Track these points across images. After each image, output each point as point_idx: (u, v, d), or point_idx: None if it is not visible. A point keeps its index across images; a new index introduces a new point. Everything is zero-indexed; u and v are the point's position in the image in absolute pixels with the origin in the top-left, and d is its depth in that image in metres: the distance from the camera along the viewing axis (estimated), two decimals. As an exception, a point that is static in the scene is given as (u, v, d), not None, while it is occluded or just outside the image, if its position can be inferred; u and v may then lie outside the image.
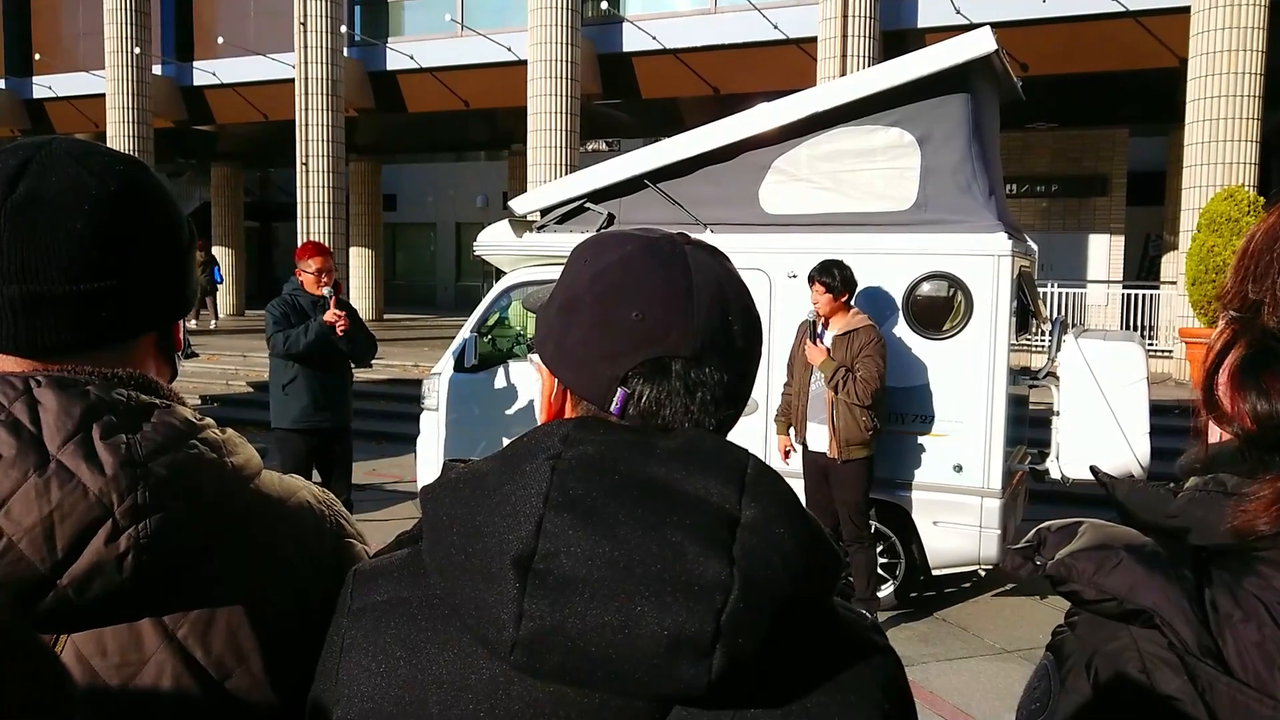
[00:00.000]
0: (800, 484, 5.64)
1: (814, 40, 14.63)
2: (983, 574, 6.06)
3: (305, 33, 17.83)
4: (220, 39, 19.57)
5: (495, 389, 6.88)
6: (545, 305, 0.92)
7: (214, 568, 0.93)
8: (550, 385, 0.89)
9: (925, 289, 5.74)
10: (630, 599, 0.70)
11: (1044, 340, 7.13)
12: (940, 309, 5.72)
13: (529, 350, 6.91)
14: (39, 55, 22.61)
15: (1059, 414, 5.87)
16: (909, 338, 5.71)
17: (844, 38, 14.01)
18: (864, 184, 5.97)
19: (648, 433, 0.81)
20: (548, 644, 0.70)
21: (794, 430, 5.72)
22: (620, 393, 0.82)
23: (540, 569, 0.72)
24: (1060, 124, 18.59)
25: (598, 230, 5.51)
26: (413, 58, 18.73)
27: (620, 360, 0.82)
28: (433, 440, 6.97)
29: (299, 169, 18.22)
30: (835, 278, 5.37)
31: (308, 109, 18.00)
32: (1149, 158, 19.51)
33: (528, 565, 0.72)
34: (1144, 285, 16.73)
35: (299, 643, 0.93)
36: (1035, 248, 6.58)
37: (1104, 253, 19.40)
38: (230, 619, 0.93)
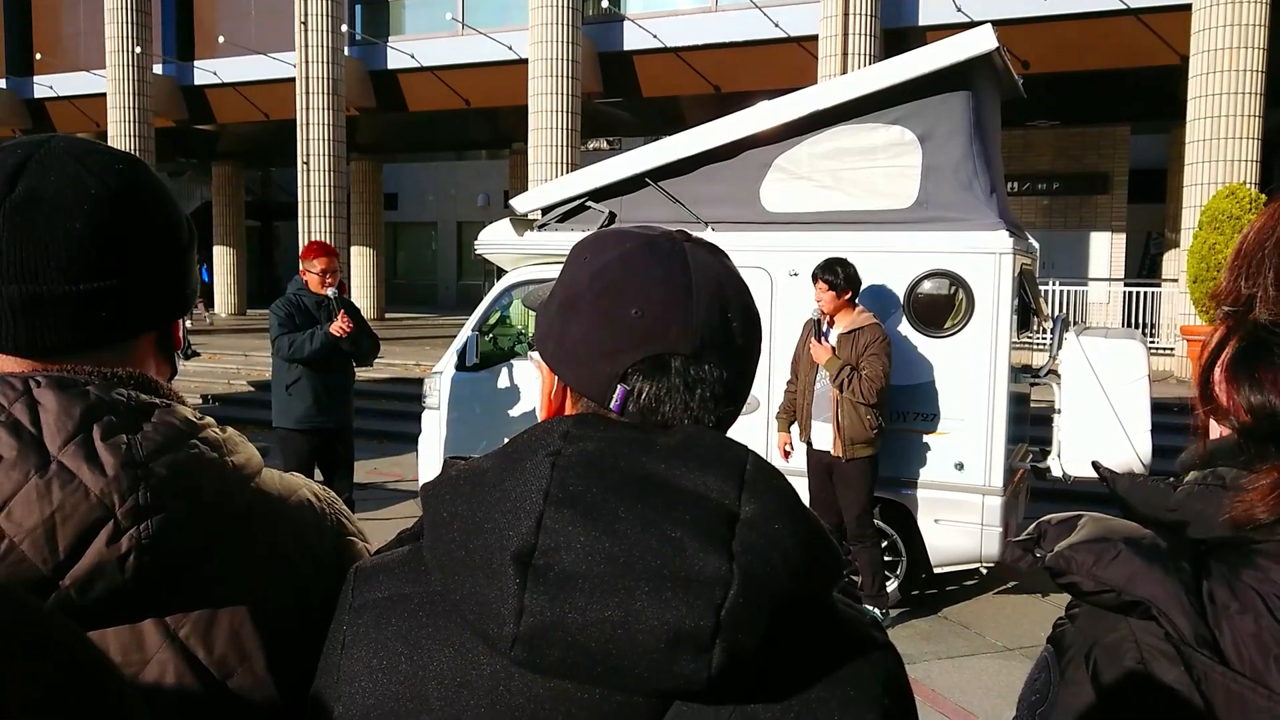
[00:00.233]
0: (802, 481, 5.64)
1: (815, 38, 14.63)
2: (984, 572, 6.06)
3: (306, 32, 17.83)
4: (221, 38, 19.60)
5: (497, 388, 6.88)
6: (545, 303, 0.92)
7: (215, 567, 0.93)
8: (550, 382, 0.89)
9: (926, 287, 5.73)
10: (630, 594, 0.70)
11: (1045, 338, 7.12)
12: (941, 307, 5.71)
13: (530, 348, 6.91)
14: (40, 55, 22.64)
15: (1060, 412, 5.87)
16: (910, 336, 5.71)
17: (845, 36, 14.02)
18: (865, 182, 5.96)
19: (647, 429, 0.81)
20: (548, 639, 0.71)
21: (798, 429, 5.71)
22: (620, 390, 0.83)
23: (540, 565, 0.72)
24: (1061, 122, 18.59)
25: (598, 228, 5.51)
26: (413, 56, 18.73)
27: (620, 357, 0.82)
28: (434, 439, 6.97)
29: (300, 168, 18.23)
30: (839, 275, 5.36)
31: (309, 108, 18.01)
32: (1150, 155, 19.49)
33: (528, 561, 0.72)
34: (1145, 283, 16.71)
35: (300, 641, 0.93)
36: (1036, 245, 6.57)
37: (1105, 250, 19.39)
38: (232, 618, 0.93)
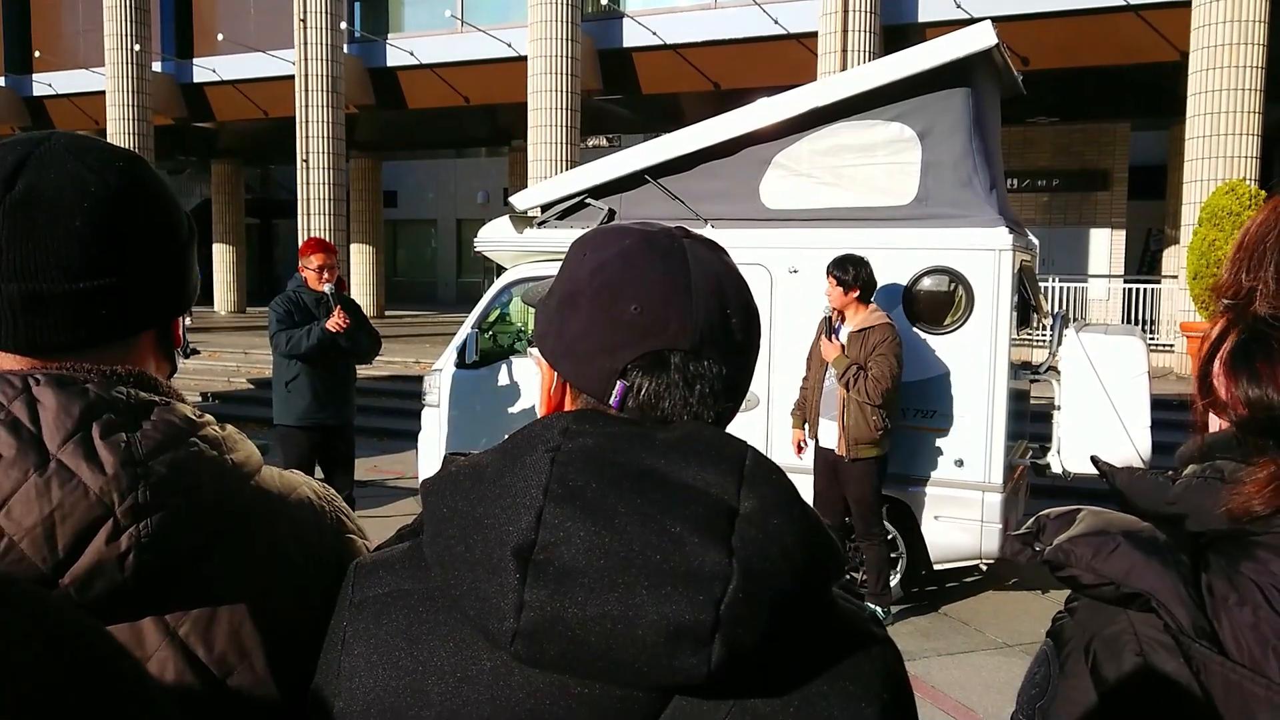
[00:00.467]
0: (803, 479, 5.63)
1: (814, 35, 14.62)
2: (984, 569, 6.07)
3: (305, 29, 17.81)
4: (220, 36, 19.57)
5: (496, 385, 6.87)
6: (545, 299, 0.92)
7: (215, 566, 0.93)
8: (550, 378, 0.90)
9: (926, 284, 5.73)
10: (630, 589, 0.70)
11: (1045, 335, 7.12)
12: (941, 304, 5.71)
13: (529, 345, 6.91)
14: (39, 52, 22.62)
15: (1060, 408, 5.87)
16: (910, 333, 5.71)
17: (844, 32, 14.01)
18: (865, 179, 5.95)
19: (647, 425, 0.81)
20: (548, 634, 0.71)
21: (808, 425, 5.72)
22: (619, 386, 0.83)
23: (540, 560, 0.72)
24: (1061, 118, 18.57)
25: (598, 225, 5.51)
26: (413, 54, 18.72)
27: (619, 353, 0.83)
28: (434, 436, 6.97)
29: (299, 166, 18.22)
30: (848, 273, 5.31)
31: (308, 105, 18.00)
32: (1150, 152, 19.48)
33: (528, 556, 0.72)
34: (1145, 279, 16.71)
35: (300, 639, 0.92)
36: (1036, 242, 6.57)
37: (1105, 247, 19.39)
38: (232, 617, 0.93)
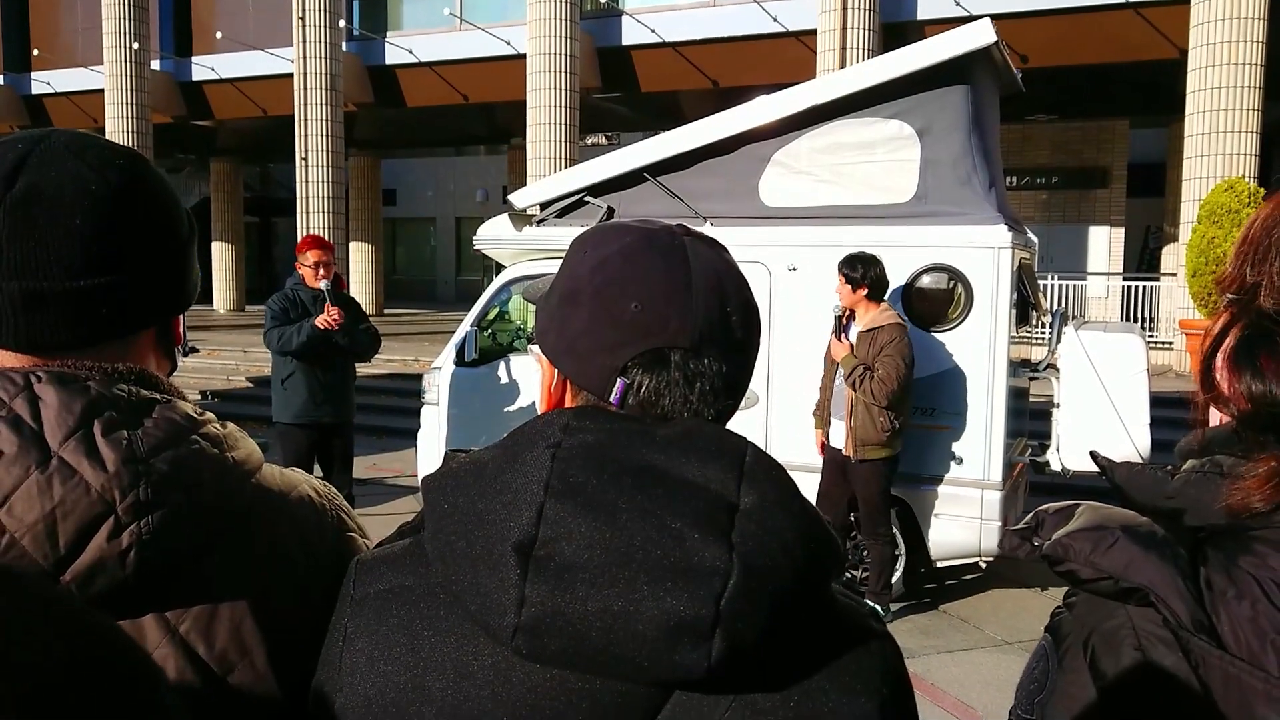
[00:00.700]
0: (804, 476, 5.62)
1: (813, 33, 14.62)
2: (984, 566, 6.07)
3: (304, 27, 17.80)
4: (219, 34, 19.56)
5: (496, 383, 6.87)
6: (546, 297, 0.92)
7: (216, 563, 0.93)
8: (550, 375, 0.90)
9: (925, 281, 5.73)
10: (630, 585, 0.70)
11: (1044, 332, 7.13)
12: (940, 301, 5.71)
13: (529, 342, 6.92)
14: (37, 51, 22.60)
15: (1059, 406, 5.87)
16: (909, 330, 5.70)
17: (843, 30, 14.00)
18: (864, 176, 5.95)
19: (647, 421, 0.81)
20: (549, 629, 0.71)
21: (821, 423, 5.71)
22: (620, 383, 0.83)
23: (541, 555, 0.72)
24: (1060, 116, 18.57)
25: (598, 223, 5.50)
26: (411, 52, 18.71)
27: (620, 351, 0.83)
28: (433, 435, 6.97)
29: (298, 164, 18.21)
30: (857, 270, 5.27)
31: (307, 104, 17.99)
32: (1149, 149, 19.49)
33: (529, 552, 0.72)
34: (1144, 277, 16.71)
35: (301, 637, 0.92)
36: (1035, 240, 6.57)
37: (1104, 245, 19.40)
38: (232, 614, 0.93)
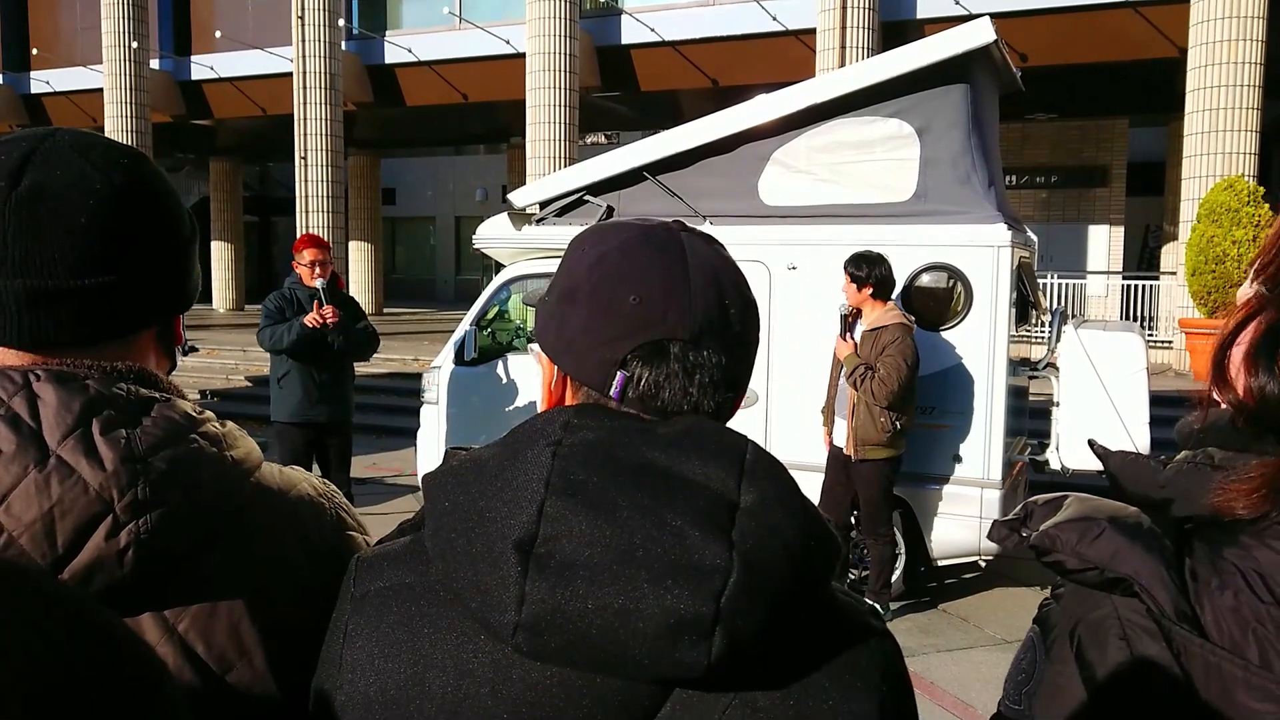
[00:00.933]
0: (805, 475, 5.62)
1: (813, 31, 14.62)
2: (983, 565, 6.07)
3: (303, 26, 17.80)
4: (218, 33, 19.54)
5: (495, 382, 6.87)
6: (545, 295, 0.92)
7: (214, 562, 0.93)
8: (550, 373, 0.90)
9: (925, 280, 5.73)
10: (631, 582, 0.70)
11: (1044, 331, 7.12)
12: (940, 300, 5.71)
13: (529, 341, 6.92)
14: (36, 50, 22.59)
15: (1059, 405, 5.87)
16: (914, 331, 5.71)
17: (843, 29, 14.00)
18: (863, 175, 5.95)
19: (648, 419, 0.81)
20: (549, 627, 0.71)
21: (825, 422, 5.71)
22: (619, 376, 0.83)
23: (542, 553, 0.72)
24: (1060, 115, 18.57)
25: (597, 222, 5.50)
26: (411, 51, 18.70)
27: (619, 344, 0.83)
28: (433, 434, 6.97)
29: (298, 163, 18.21)
30: (862, 269, 5.25)
31: (306, 103, 17.99)
32: (1149, 148, 19.49)
33: (529, 549, 0.72)
34: (1144, 276, 16.71)
35: (301, 635, 0.92)
36: (1035, 239, 6.57)
37: (1104, 243, 19.40)
38: (231, 613, 0.93)
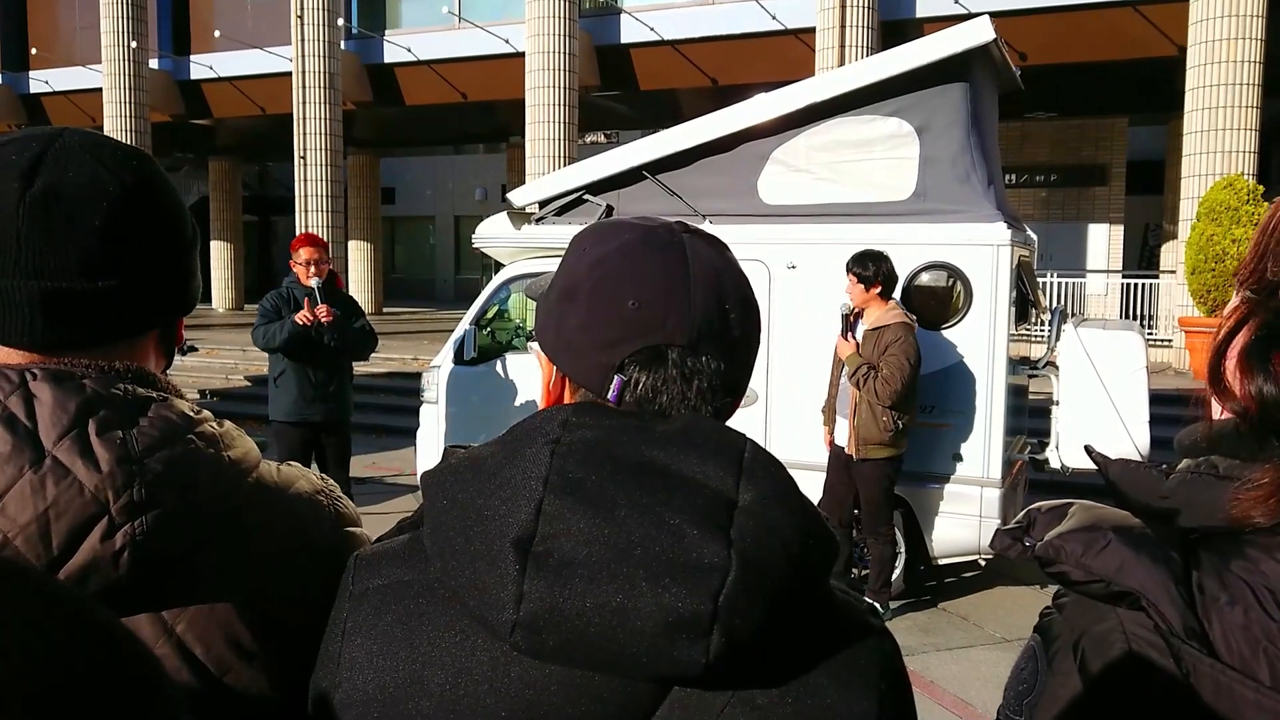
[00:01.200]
0: (804, 474, 5.62)
1: (812, 31, 14.62)
2: (984, 564, 6.07)
3: (302, 26, 17.79)
4: (217, 32, 19.53)
5: (495, 381, 6.87)
6: (545, 293, 0.92)
7: (212, 563, 0.93)
8: (549, 372, 0.90)
9: (924, 279, 5.73)
10: (629, 581, 0.70)
11: (1043, 330, 7.12)
12: (939, 299, 5.71)
13: (529, 339, 6.92)
14: (35, 50, 22.56)
15: (1058, 403, 5.87)
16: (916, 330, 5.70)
17: (842, 28, 14.00)
18: (862, 174, 5.95)
19: (646, 418, 0.81)
20: (547, 625, 0.71)
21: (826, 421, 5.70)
22: (617, 380, 0.83)
23: (540, 551, 0.72)
24: (1059, 113, 18.57)
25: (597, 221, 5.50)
26: (410, 50, 18.70)
27: (617, 348, 0.83)
28: (432, 433, 6.97)
29: (297, 162, 18.20)
30: (869, 268, 5.24)
31: (305, 102, 17.98)
32: (1148, 147, 19.50)
33: (528, 547, 0.72)
34: (1143, 274, 16.71)
35: (300, 634, 0.92)
36: (1034, 237, 6.57)
37: (1103, 242, 19.40)
38: (230, 613, 0.92)
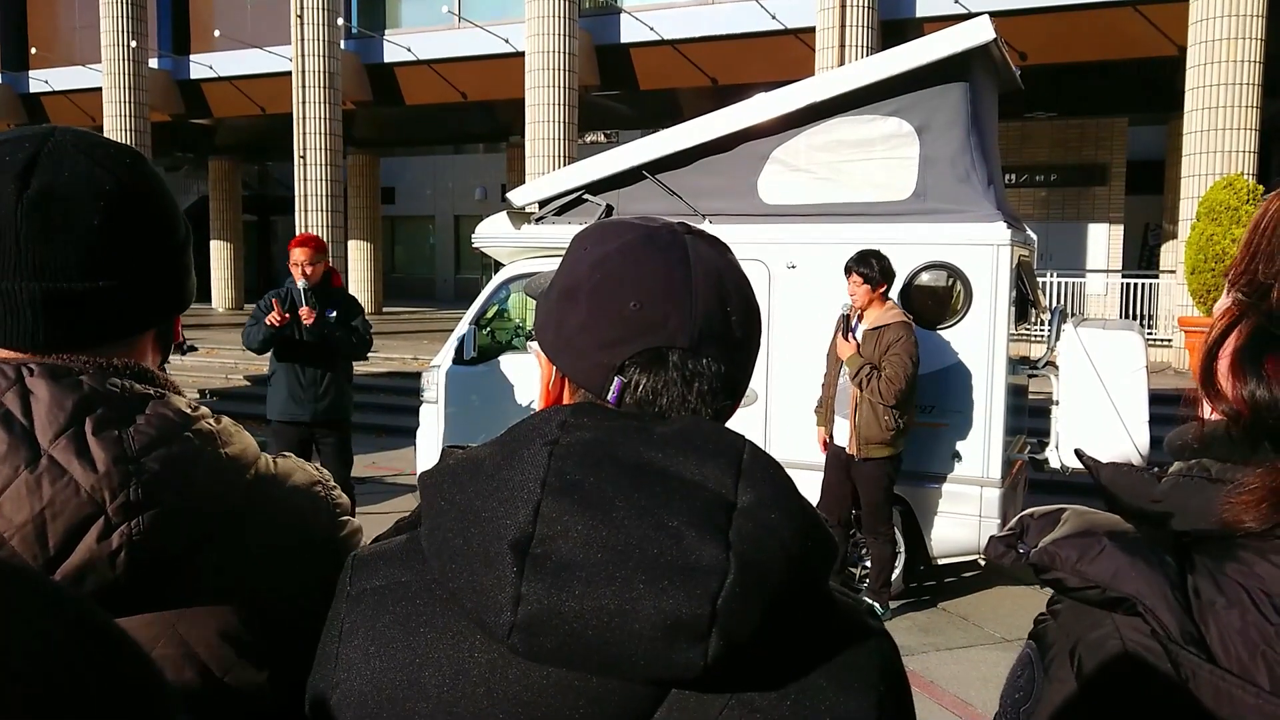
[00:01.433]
0: (804, 474, 5.62)
1: (812, 30, 14.62)
2: (983, 564, 6.07)
3: (302, 25, 17.78)
4: (217, 32, 19.53)
5: (494, 381, 6.87)
6: (545, 293, 0.91)
7: (210, 561, 0.93)
8: (549, 372, 0.89)
9: (924, 279, 5.73)
10: (627, 583, 0.70)
11: (1043, 330, 7.12)
12: (939, 299, 5.71)
13: (528, 339, 6.91)
14: (35, 49, 22.56)
15: (1058, 403, 5.86)
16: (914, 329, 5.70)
17: (842, 28, 14.00)
18: (862, 174, 5.95)
19: (645, 419, 0.81)
20: (545, 627, 0.70)
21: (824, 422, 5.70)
22: (617, 381, 0.82)
23: (538, 553, 0.71)
24: (1059, 113, 18.56)
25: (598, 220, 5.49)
26: (410, 50, 18.69)
27: (617, 349, 0.82)
28: (432, 433, 6.97)
29: (297, 162, 18.19)
30: (874, 268, 5.25)
31: (305, 102, 17.97)
32: (1148, 146, 19.48)
33: (525, 549, 0.72)
34: (1143, 274, 16.71)
35: (298, 632, 0.92)
36: (1034, 237, 6.57)
37: (1103, 242, 19.39)
38: (229, 612, 0.92)
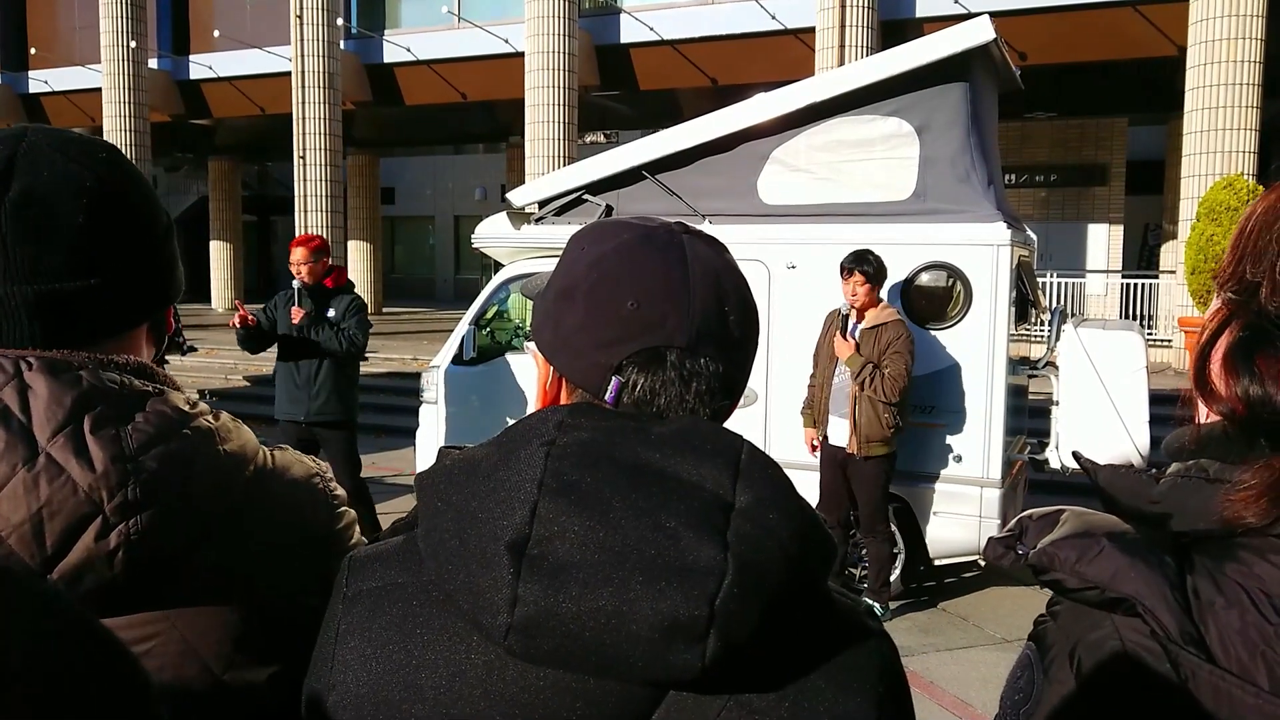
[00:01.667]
0: (801, 475, 5.62)
1: (812, 30, 14.62)
2: (983, 564, 6.06)
3: (302, 25, 17.78)
4: (216, 32, 19.52)
5: (494, 382, 6.86)
6: (543, 292, 0.91)
7: (209, 560, 0.92)
8: (546, 372, 0.89)
9: (924, 279, 5.73)
10: (624, 584, 0.70)
11: (1043, 330, 7.11)
12: (939, 299, 5.71)
13: (527, 339, 6.91)
14: (35, 49, 22.55)
15: (1058, 403, 5.86)
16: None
17: (842, 28, 14.00)
18: (862, 174, 5.95)
19: (643, 419, 0.80)
20: (542, 629, 0.70)
21: (817, 422, 5.69)
22: (614, 381, 0.82)
23: (535, 554, 0.71)
24: (1059, 113, 18.56)
25: (596, 220, 5.49)
26: (410, 50, 18.69)
27: (615, 349, 0.82)
28: (432, 433, 6.96)
29: (297, 162, 18.19)
30: (872, 265, 5.29)
31: (305, 102, 17.97)
32: (1148, 147, 19.49)
33: (522, 550, 0.71)
34: (1143, 274, 16.71)
35: (298, 629, 0.92)
36: (1034, 237, 6.57)
37: (1103, 242, 19.39)
38: (229, 610, 0.92)
